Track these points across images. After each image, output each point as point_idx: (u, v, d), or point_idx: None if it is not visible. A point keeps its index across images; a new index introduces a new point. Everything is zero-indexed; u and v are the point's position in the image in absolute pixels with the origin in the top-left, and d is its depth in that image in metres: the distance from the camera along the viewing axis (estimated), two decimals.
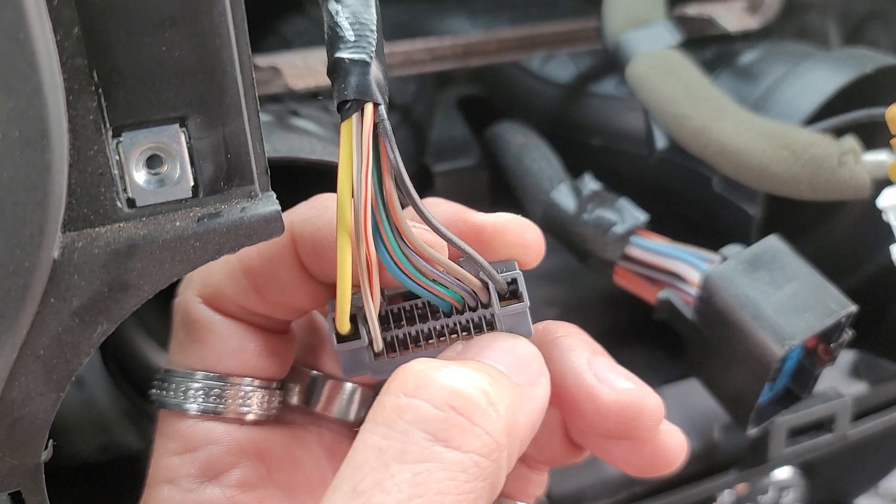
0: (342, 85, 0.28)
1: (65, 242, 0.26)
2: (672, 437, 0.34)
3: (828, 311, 0.41)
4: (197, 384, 0.33)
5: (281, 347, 0.35)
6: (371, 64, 0.28)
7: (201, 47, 0.26)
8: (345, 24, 0.28)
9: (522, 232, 0.33)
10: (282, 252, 0.32)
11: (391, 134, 0.28)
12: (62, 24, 0.25)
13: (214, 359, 0.33)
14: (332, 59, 0.28)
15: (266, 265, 0.33)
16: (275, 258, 0.33)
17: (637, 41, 0.53)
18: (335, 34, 0.28)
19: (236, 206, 0.28)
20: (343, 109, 0.28)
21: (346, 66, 0.28)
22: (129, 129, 0.27)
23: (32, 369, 0.27)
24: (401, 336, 0.33)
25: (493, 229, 0.33)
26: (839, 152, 0.46)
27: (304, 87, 0.48)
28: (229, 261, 0.33)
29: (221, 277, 0.33)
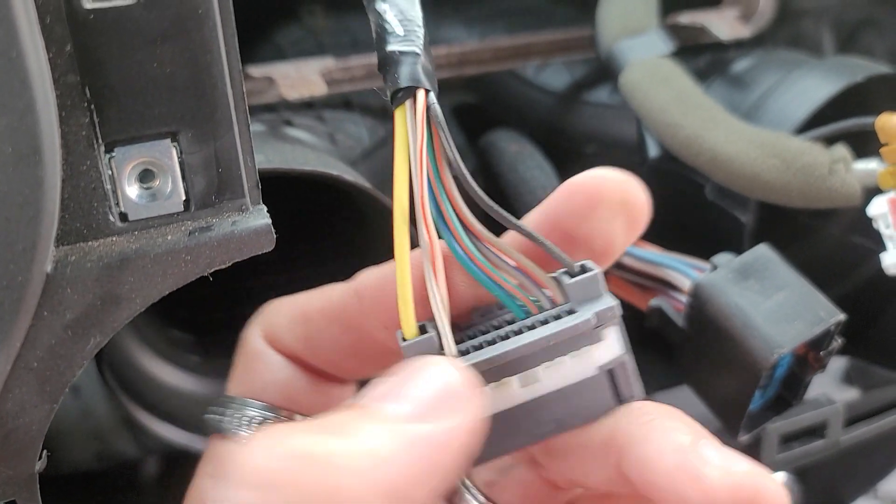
0: (395, 75, 0.28)
1: (58, 256, 0.27)
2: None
3: (817, 319, 0.41)
4: (252, 412, 0.32)
5: (338, 394, 0.35)
6: (421, 55, 0.29)
7: (192, 63, 0.27)
8: (394, 21, 0.29)
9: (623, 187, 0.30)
10: (343, 311, 0.32)
11: (443, 119, 0.28)
12: (55, 42, 0.25)
13: (260, 387, 0.33)
14: (384, 53, 0.29)
15: (325, 321, 0.32)
16: (334, 316, 0.32)
17: (630, 50, 0.53)
18: (384, 30, 0.29)
19: (227, 219, 0.29)
20: (395, 98, 0.28)
21: (397, 58, 0.28)
22: (122, 144, 0.27)
23: (26, 381, 0.27)
24: (476, 344, 0.28)
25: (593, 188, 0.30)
26: (830, 161, 0.47)
27: (298, 97, 0.49)
28: (293, 308, 0.33)
29: (282, 320, 0.33)
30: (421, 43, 0.29)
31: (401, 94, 0.28)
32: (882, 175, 0.45)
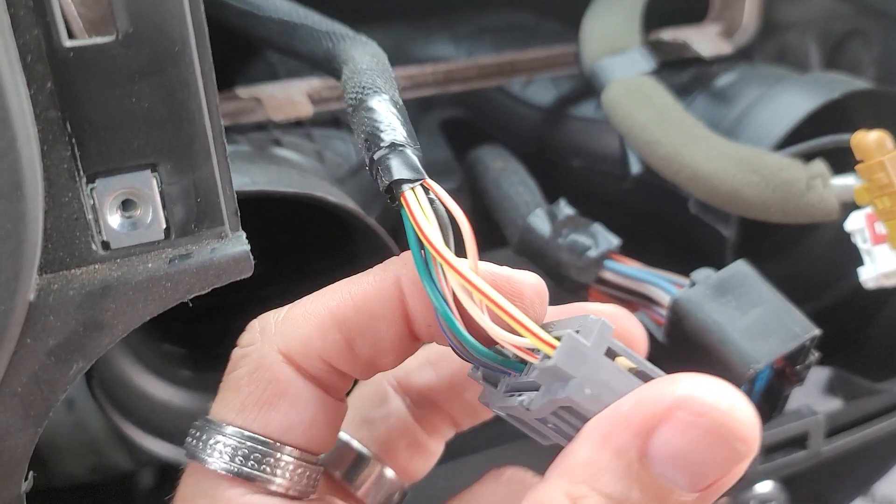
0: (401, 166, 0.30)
1: (41, 285, 0.28)
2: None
3: (792, 334, 0.42)
4: (241, 445, 0.30)
5: (336, 417, 0.33)
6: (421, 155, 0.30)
7: (169, 98, 0.28)
8: (396, 121, 0.31)
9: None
10: (386, 305, 0.30)
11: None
12: (36, 80, 0.26)
13: (284, 427, 0.30)
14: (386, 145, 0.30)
15: (366, 319, 0.30)
16: (377, 312, 0.30)
17: (612, 68, 0.54)
18: (387, 126, 0.31)
19: (207, 246, 0.30)
20: (398, 187, 0.29)
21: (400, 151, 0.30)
22: (103, 175, 0.28)
23: (10, 406, 0.28)
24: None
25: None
26: (808, 177, 0.47)
27: (285, 118, 0.49)
28: (318, 313, 0.31)
29: (309, 331, 0.31)
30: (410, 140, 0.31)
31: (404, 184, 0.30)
32: (858, 191, 0.46)
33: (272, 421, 0.30)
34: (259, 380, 0.30)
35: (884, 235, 0.45)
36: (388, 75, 0.35)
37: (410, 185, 0.29)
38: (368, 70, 0.34)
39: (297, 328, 0.31)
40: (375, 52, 0.38)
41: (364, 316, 0.30)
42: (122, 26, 0.26)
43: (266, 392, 0.30)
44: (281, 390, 0.30)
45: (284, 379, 0.30)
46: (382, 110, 0.31)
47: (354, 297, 0.30)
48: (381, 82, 0.33)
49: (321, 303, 0.31)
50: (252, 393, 0.30)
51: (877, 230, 0.45)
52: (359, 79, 0.33)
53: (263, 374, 0.30)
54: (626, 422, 0.26)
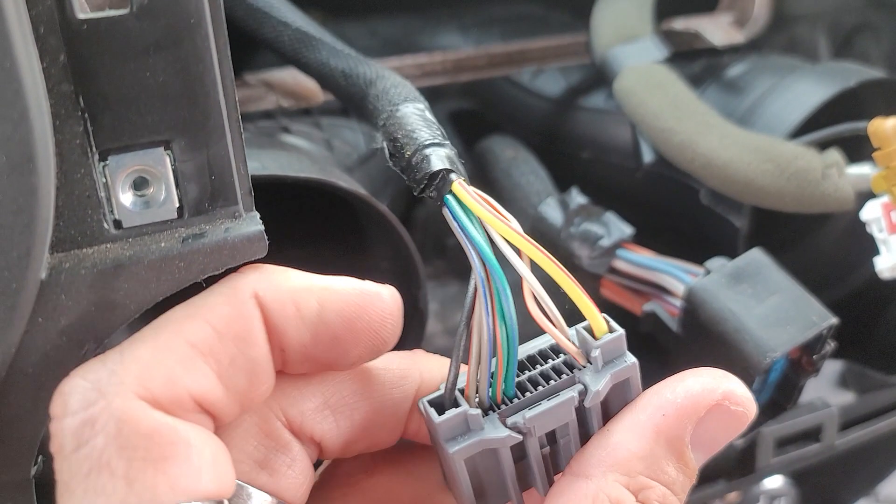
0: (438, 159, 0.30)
1: (52, 263, 0.27)
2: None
3: (809, 323, 0.42)
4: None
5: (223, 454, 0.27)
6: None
7: (184, 73, 0.27)
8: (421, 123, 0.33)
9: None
10: (250, 327, 0.27)
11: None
12: (48, 52, 0.26)
13: (194, 479, 0.24)
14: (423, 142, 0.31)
15: (232, 345, 0.26)
16: (243, 335, 0.27)
17: (624, 56, 0.54)
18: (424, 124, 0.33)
19: (220, 226, 0.29)
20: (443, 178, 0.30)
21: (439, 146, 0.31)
22: (115, 152, 0.27)
23: (21, 387, 0.28)
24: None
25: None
26: (823, 165, 0.47)
27: (295, 104, 0.49)
28: (173, 345, 0.26)
29: (172, 367, 0.25)
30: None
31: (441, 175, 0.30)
32: (875, 179, 0.45)
33: (183, 477, 0.24)
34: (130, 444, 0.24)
35: None
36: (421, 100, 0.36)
37: (458, 176, 0.30)
38: (402, 83, 0.37)
39: (153, 366, 0.25)
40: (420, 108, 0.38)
41: (230, 342, 0.26)
42: None
43: (149, 453, 0.24)
44: (170, 440, 0.25)
45: (166, 427, 0.25)
46: (417, 115, 0.33)
47: (211, 321, 0.26)
48: (415, 94, 0.36)
49: (173, 332, 0.26)
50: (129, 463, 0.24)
51: (893, 219, 0.45)
52: (395, 91, 0.36)
53: (134, 431, 0.24)
54: (682, 414, 0.29)
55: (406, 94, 0.36)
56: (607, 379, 0.29)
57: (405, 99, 0.35)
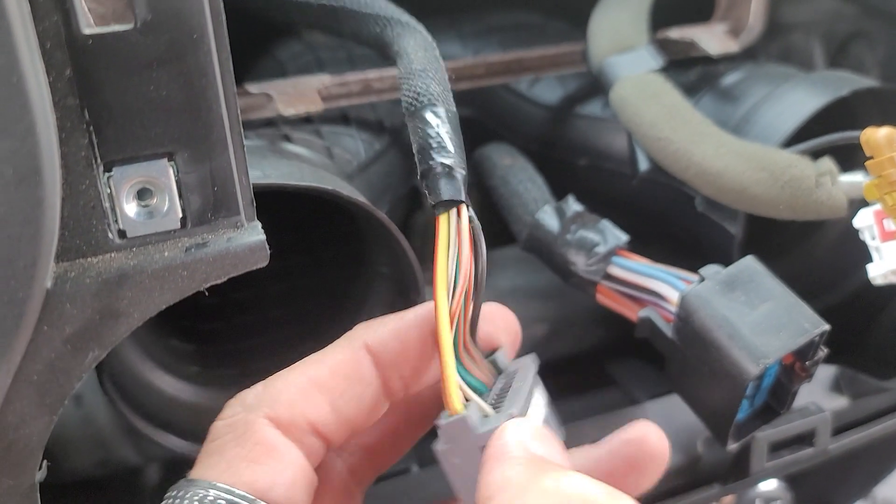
0: (445, 186, 0.33)
1: (58, 273, 0.28)
2: None
3: (801, 330, 0.42)
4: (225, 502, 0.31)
5: (313, 486, 0.34)
6: (466, 174, 0.34)
7: (188, 86, 0.28)
8: (445, 137, 0.34)
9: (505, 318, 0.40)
10: (359, 367, 0.34)
11: (480, 230, 0.33)
12: (54, 66, 0.26)
13: (269, 484, 0.31)
14: (435, 163, 0.34)
15: (343, 382, 0.33)
16: (352, 374, 0.34)
17: (620, 66, 0.54)
18: (436, 142, 0.34)
19: (223, 236, 0.30)
20: (439, 206, 0.33)
21: (446, 171, 0.33)
22: (120, 163, 0.28)
23: (26, 394, 0.28)
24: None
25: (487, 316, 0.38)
26: (816, 174, 0.47)
27: (295, 113, 0.49)
28: (299, 381, 0.33)
29: (293, 395, 0.33)
30: (465, 164, 0.34)
31: (444, 204, 0.33)
32: (867, 187, 0.46)
33: (259, 477, 0.31)
34: (245, 442, 0.32)
35: (893, 232, 0.45)
36: (442, 74, 0.38)
37: (450, 207, 0.33)
38: (422, 71, 0.37)
39: (280, 394, 0.33)
40: (427, 45, 0.40)
41: (341, 379, 0.33)
42: (140, 13, 0.27)
43: (253, 452, 0.32)
44: (268, 449, 0.32)
45: (271, 440, 0.32)
46: (434, 124, 0.34)
47: (328, 364, 0.33)
48: (436, 87, 0.36)
49: (300, 371, 0.34)
50: (238, 454, 0.32)
51: (886, 227, 0.45)
52: (414, 83, 0.36)
53: (250, 437, 0.32)
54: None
55: (426, 88, 0.36)
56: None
57: (426, 96, 0.36)
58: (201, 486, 0.31)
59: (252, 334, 0.56)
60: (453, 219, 0.32)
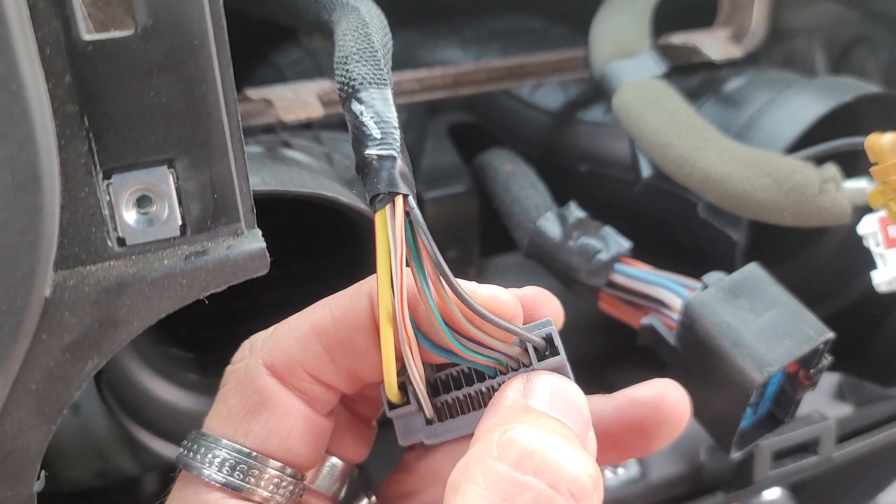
0: (374, 180, 0.30)
1: (56, 281, 0.27)
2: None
3: (806, 337, 0.42)
4: (229, 456, 0.31)
5: (323, 433, 0.34)
6: (398, 159, 0.30)
7: (188, 92, 0.27)
8: (370, 123, 0.30)
9: (552, 304, 0.35)
10: (359, 316, 0.32)
11: (422, 221, 0.29)
12: (54, 73, 0.26)
13: (263, 435, 0.32)
14: (361, 156, 0.30)
15: (342, 329, 0.32)
16: (352, 322, 0.32)
17: (623, 71, 0.54)
18: (361, 132, 0.30)
19: (222, 243, 0.29)
20: (375, 202, 0.30)
21: (375, 163, 0.30)
22: (119, 171, 0.28)
23: (25, 403, 0.28)
24: (450, 401, 0.34)
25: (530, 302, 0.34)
26: (820, 180, 0.47)
27: (295, 119, 0.49)
28: (299, 326, 0.33)
29: (292, 343, 0.32)
30: (398, 146, 0.30)
31: (380, 198, 0.29)
32: (872, 193, 0.45)
33: (252, 429, 0.32)
34: (244, 391, 0.32)
35: None
36: (371, 48, 0.33)
37: (389, 198, 0.29)
38: (345, 59, 0.33)
39: (280, 342, 0.32)
40: (360, 23, 0.35)
41: (341, 327, 0.32)
42: (141, 19, 0.26)
43: (249, 402, 0.32)
44: (263, 399, 0.32)
45: (267, 389, 0.32)
46: (358, 112, 0.31)
47: (333, 311, 0.32)
48: (360, 69, 0.32)
49: (303, 318, 0.33)
50: (237, 403, 0.32)
51: (890, 233, 0.45)
52: (339, 74, 0.32)
53: (248, 385, 0.32)
54: None
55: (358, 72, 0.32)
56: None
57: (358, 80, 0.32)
58: (209, 440, 0.32)
59: None
60: (389, 214, 0.29)
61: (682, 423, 0.35)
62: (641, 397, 0.35)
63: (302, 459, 0.33)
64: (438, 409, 0.33)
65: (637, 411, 0.35)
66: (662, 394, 0.35)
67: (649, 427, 0.35)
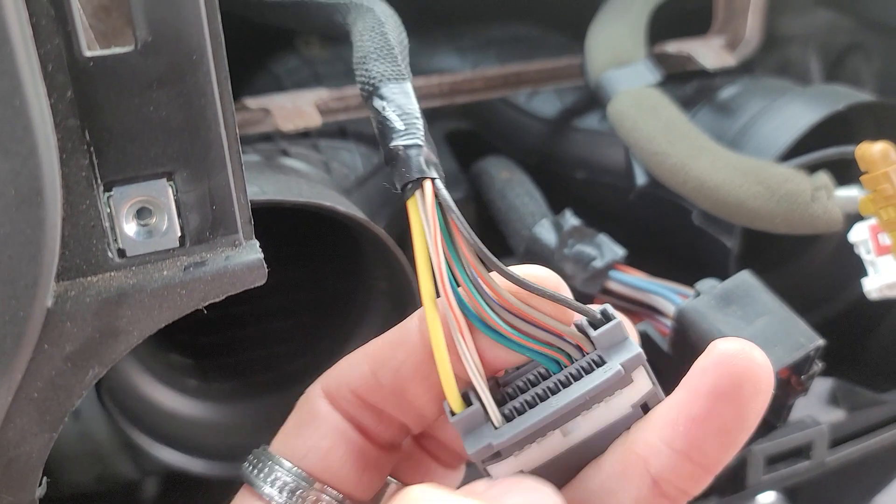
0: (402, 169, 0.30)
1: (58, 292, 0.28)
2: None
3: (797, 344, 0.42)
4: (288, 477, 0.32)
5: (375, 463, 0.33)
6: (423, 146, 0.31)
7: (187, 106, 0.28)
8: (393, 117, 0.31)
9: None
10: (407, 334, 0.31)
11: (452, 203, 0.30)
12: (56, 88, 0.27)
13: (304, 451, 0.32)
14: (388, 149, 0.31)
15: (388, 349, 0.32)
16: (396, 340, 0.32)
17: (618, 80, 0.55)
18: (386, 126, 0.31)
19: (221, 254, 0.30)
20: (405, 190, 0.30)
21: (402, 153, 0.30)
22: (120, 184, 0.28)
23: (27, 411, 0.28)
24: (518, 406, 0.30)
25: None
26: (812, 188, 0.48)
27: (293, 128, 0.50)
28: (356, 352, 0.33)
29: (344, 365, 0.33)
30: (422, 135, 0.31)
31: (410, 185, 0.30)
32: (863, 202, 0.46)
33: (296, 445, 0.33)
34: (299, 411, 0.33)
35: (888, 246, 0.45)
36: (388, 46, 0.35)
37: (418, 185, 0.30)
38: (363, 58, 0.34)
39: (337, 367, 0.33)
40: (375, 23, 0.37)
41: (387, 347, 0.32)
42: (141, 35, 0.27)
43: (300, 420, 0.33)
44: (311, 417, 0.33)
45: (315, 408, 0.33)
46: (381, 108, 0.32)
47: (384, 335, 0.32)
48: (379, 67, 0.33)
49: (362, 346, 0.33)
50: (291, 423, 0.33)
51: (881, 241, 0.46)
52: (359, 74, 0.33)
53: (303, 406, 0.33)
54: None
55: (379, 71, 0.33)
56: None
57: (378, 79, 0.33)
58: (269, 458, 0.32)
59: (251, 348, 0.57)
60: (420, 199, 0.30)
61: (761, 371, 0.29)
62: (705, 363, 0.29)
63: (349, 484, 0.33)
64: (507, 416, 0.30)
65: (708, 379, 0.29)
66: (724, 350, 0.29)
67: (729, 388, 0.28)
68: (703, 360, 0.29)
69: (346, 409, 0.33)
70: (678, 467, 0.29)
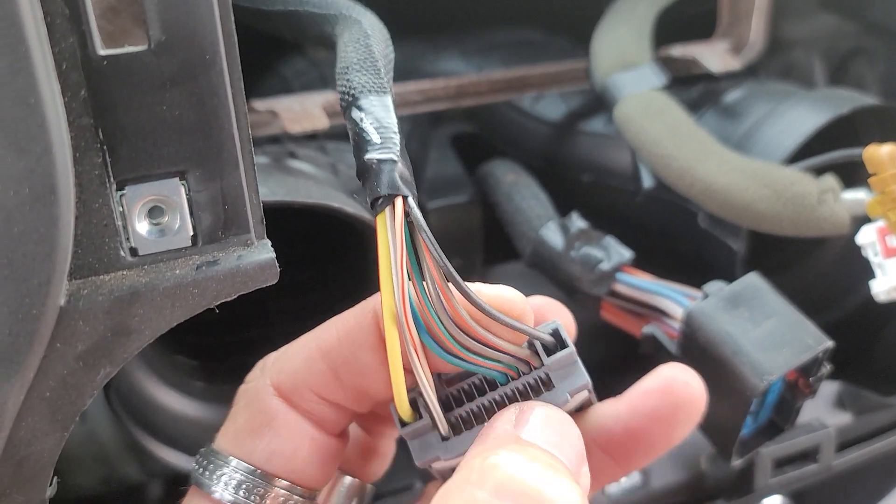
0: (374, 183, 0.30)
1: (71, 290, 0.28)
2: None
3: (805, 346, 0.42)
4: (239, 475, 0.32)
5: (333, 453, 0.34)
6: (398, 162, 0.30)
7: (200, 106, 0.28)
8: (370, 129, 0.31)
9: (563, 314, 0.36)
10: (364, 333, 0.32)
11: (423, 223, 0.29)
12: (70, 87, 0.27)
13: (266, 455, 0.32)
14: (361, 161, 0.30)
15: (347, 347, 0.32)
16: (356, 339, 0.32)
17: (624, 83, 0.55)
18: (361, 138, 0.31)
19: (233, 253, 0.30)
20: (376, 205, 0.30)
21: (375, 167, 0.30)
22: (132, 182, 0.28)
23: (39, 410, 0.28)
24: (464, 414, 0.32)
25: (537, 311, 0.34)
26: (819, 190, 0.48)
27: (301, 130, 0.50)
28: (306, 346, 0.33)
29: (298, 363, 0.33)
30: (398, 149, 0.30)
31: (381, 201, 0.29)
32: (870, 204, 0.46)
33: (256, 449, 0.32)
34: (251, 410, 0.33)
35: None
36: (371, 57, 0.34)
37: (389, 201, 0.29)
38: (345, 69, 0.33)
39: (288, 362, 0.33)
40: (361, 35, 0.36)
41: (346, 345, 0.32)
42: (154, 35, 0.27)
43: (255, 422, 0.33)
44: (268, 420, 0.32)
45: (272, 409, 0.33)
46: (358, 119, 0.31)
47: (338, 330, 0.32)
48: (360, 78, 0.32)
49: (311, 338, 0.33)
50: (244, 423, 0.33)
51: (888, 243, 0.46)
52: (339, 85, 0.33)
53: (256, 405, 0.33)
54: None
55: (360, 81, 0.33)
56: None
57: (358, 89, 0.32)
58: (220, 458, 0.32)
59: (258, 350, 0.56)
60: (388, 215, 0.29)
61: (697, 402, 0.34)
62: (650, 386, 0.34)
63: (310, 479, 0.33)
64: (453, 424, 0.32)
65: (650, 401, 0.34)
66: (670, 377, 0.34)
67: (666, 413, 0.34)
68: (647, 382, 0.34)
69: (305, 407, 0.33)
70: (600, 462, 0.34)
